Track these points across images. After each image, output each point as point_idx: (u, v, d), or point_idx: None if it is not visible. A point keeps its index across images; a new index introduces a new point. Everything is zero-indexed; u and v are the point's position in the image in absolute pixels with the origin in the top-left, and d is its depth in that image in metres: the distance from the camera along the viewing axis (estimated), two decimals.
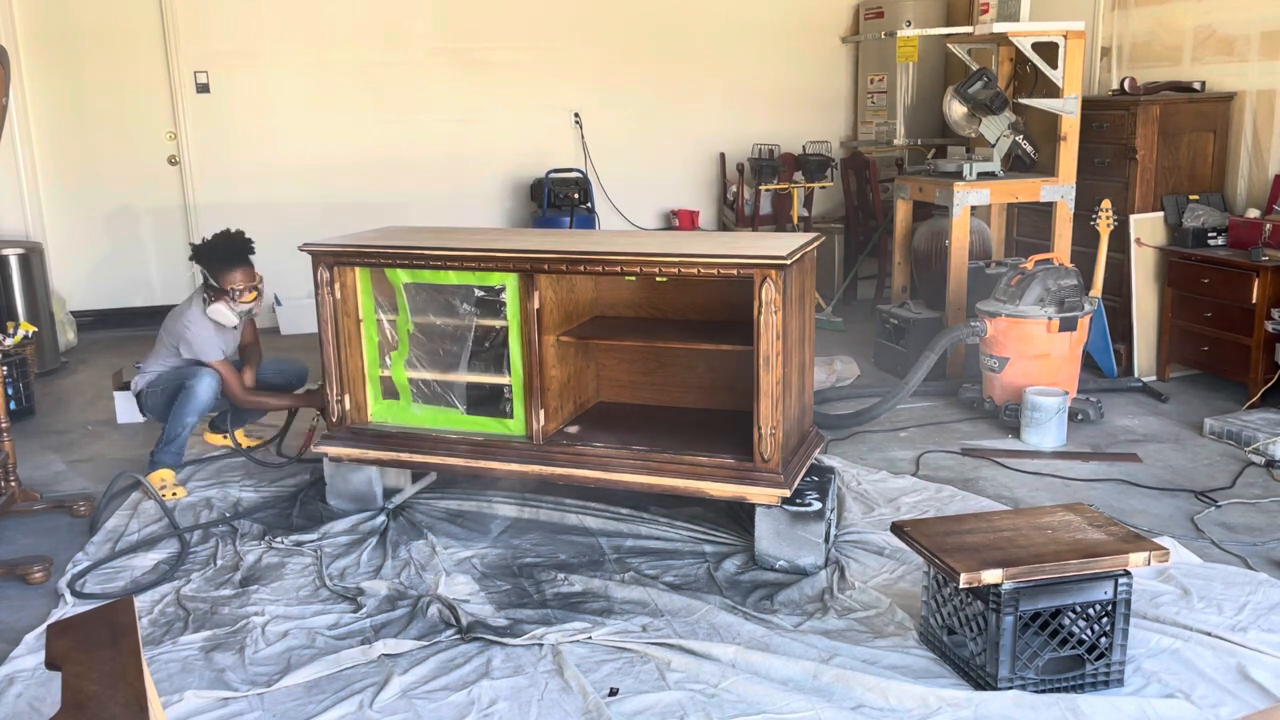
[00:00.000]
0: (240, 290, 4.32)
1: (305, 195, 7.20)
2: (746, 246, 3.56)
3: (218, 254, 4.32)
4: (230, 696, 2.80)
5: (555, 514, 3.93)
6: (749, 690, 2.75)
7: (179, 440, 4.32)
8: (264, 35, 7.04)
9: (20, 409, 5.21)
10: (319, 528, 3.84)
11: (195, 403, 4.26)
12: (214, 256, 4.31)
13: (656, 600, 3.25)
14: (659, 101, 7.78)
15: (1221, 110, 5.59)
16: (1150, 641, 2.94)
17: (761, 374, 3.38)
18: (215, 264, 4.30)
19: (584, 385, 4.11)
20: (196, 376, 4.24)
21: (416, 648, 3.00)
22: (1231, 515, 3.87)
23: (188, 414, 4.27)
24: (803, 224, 7.38)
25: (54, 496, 4.20)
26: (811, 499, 3.45)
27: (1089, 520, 2.90)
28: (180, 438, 4.32)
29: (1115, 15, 6.22)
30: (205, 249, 4.33)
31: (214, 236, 4.37)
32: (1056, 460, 4.48)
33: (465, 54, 7.41)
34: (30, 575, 3.49)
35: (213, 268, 4.30)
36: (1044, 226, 5.88)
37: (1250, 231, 5.11)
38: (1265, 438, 4.41)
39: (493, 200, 7.67)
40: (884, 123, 7.75)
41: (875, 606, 3.20)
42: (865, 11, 7.87)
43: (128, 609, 1.82)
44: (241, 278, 4.33)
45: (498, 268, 3.65)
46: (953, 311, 5.54)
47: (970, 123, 5.61)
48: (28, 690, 2.84)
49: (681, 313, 4.09)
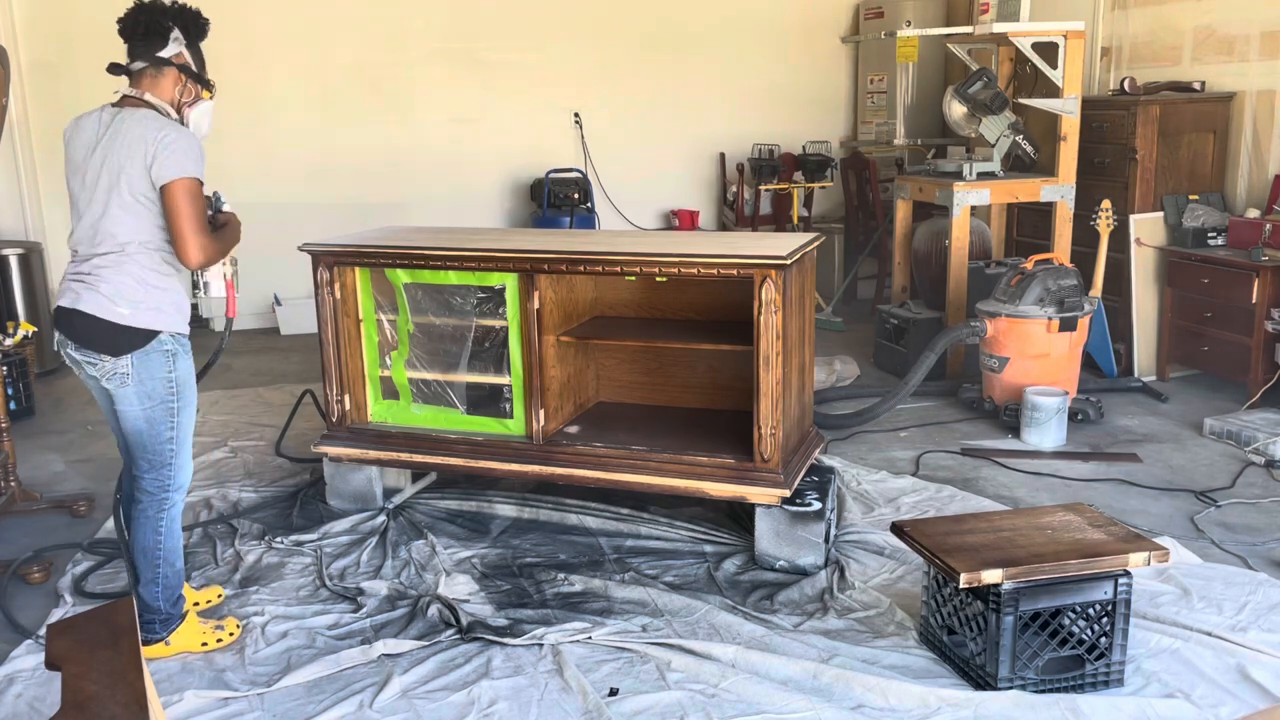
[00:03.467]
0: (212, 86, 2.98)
1: (305, 195, 7.19)
2: (746, 246, 3.56)
3: (204, 25, 2.94)
4: (230, 696, 2.80)
5: (555, 514, 3.93)
6: (749, 690, 2.75)
7: (175, 569, 3.05)
8: (264, 35, 7.04)
9: (20, 409, 5.21)
10: (319, 528, 3.83)
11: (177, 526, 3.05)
12: (202, 27, 2.93)
13: (656, 600, 3.25)
14: (659, 101, 7.78)
15: (1221, 110, 5.59)
16: (1150, 641, 2.94)
17: (761, 374, 3.38)
18: (200, 38, 2.93)
19: (584, 385, 4.11)
20: (175, 485, 2.98)
21: (416, 648, 3.00)
22: (1231, 515, 3.87)
23: (176, 543, 3.04)
24: (803, 224, 7.38)
25: (54, 496, 4.20)
26: (811, 499, 3.45)
27: (1089, 520, 2.90)
28: (177, 567, 3.05)
29: (1115, 15, 6.22)
30: (193, 14, 2.91)
31: (171, 2, 2.89)
32: (1056, 460, 4.48)
33: (465, 54, 7.41)
34: (30, 575, 3.49)
35: (197, 43, 2.92)
36: (1044, 226, 5.88)
37: (1250, 231, 5.11)
38: (1265, 438, 4.41)
39: (493, 200, 7.67)
40: (884, 123, 7.75)
41: (875, 606, 3.20)
42: (865, 11, 7.87)
43: (128, 609, 1.82)
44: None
45: (498, 268, 3.65)
46: (953, 311, 5.54)
47: (970, 123, 5.61)
48: (28, 690, 2.84)
49: (681, 313, 4.09)
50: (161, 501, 2.96)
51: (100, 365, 2.82)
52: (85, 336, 2.81)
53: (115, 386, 2.85)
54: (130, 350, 2.81)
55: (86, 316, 2.79)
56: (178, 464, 2.96)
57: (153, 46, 2.83)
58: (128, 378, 2.82)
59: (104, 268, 2.80)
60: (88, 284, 2.81)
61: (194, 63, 2.91)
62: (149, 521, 2.96)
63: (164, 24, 2.83)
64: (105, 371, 2.82)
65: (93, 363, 2.83)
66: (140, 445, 2.92)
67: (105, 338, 2.80)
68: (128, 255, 2.81)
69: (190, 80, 2.90)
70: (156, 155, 2.74)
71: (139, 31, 2.83)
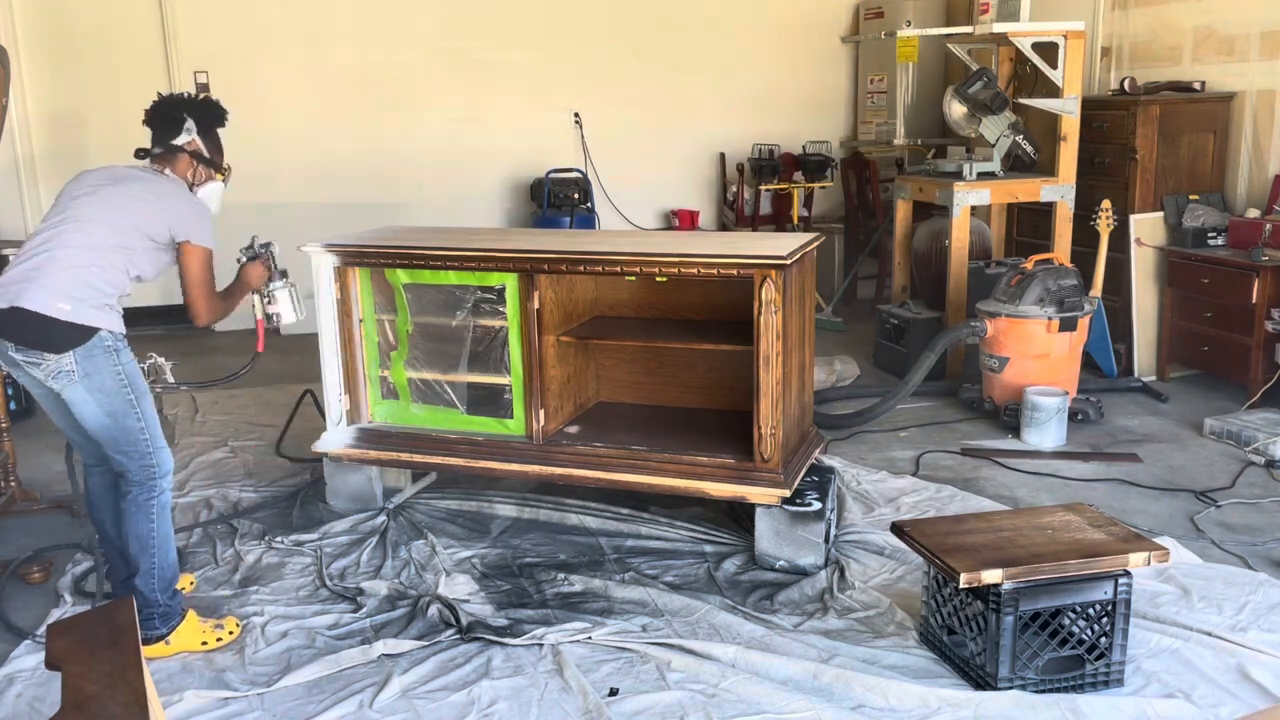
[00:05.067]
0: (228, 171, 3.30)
1: (305, 195, 7.19)
2: (746, 246, 3.56)
3: (220, 115, 3.24)
4: (230, 696, 2.80)
5: (555, 514, 3.93)
6: (749, 690, 2.75)
7: (170, 559, 3.06)
8: (264, 35, 7.03)
9: (20, 409, 5.20)
10: (319, 528, 3.83)
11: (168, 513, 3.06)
12: (218, 117, 3.24)
13: (656, 600, 3.25)
14: (659, 101, 7.77)
15: (1221, 110, 5.59)
16: (1150, 641, 2.94)
17: (761, 374, 3.38)
18: (217, 126, 3.24)
19: (584, 385, 4.11)
20: (161, 471, 3.00)
21: (416, 648, 3.00)
22: (1231, 515, 3.87)
23: (167, 529, 3.05)
24: (803, 224, 7.38)
25: (54, 496, 4.20)
26: (811, 499, 3.45)
27: (1089, 520, 2.90)
28: (170, 557, 3.06)
29: (1115, 15, 6.22)
30: (208, 105, 3.22)
31: (198, 95, 3.30)
32: (1056, 460, 4.48)
33: (465, 54, 7.40)
34: (30, 575, 3.49)
35: (212, 131, 3.23)
36: (1044, 226, 5.88)
37: (1250, 231, 5.11)
38: (1265, 438, 4.41)
39: (493, 200, 7.67)
40: (884, 123, 7.75)
41: (875, 606, 3.20)
42: (865, 11, 7.87)
43: (128, 609, 1.82)
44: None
45: (498, 268, 3.65)
46: (953, 311, 5.53)
47: (970, 123, 5.61)
48: (28, 690, 2.84)
49: (681, 313, 4.09)
50: (151, 488, 2.98)
51: (44, 364, 2.83)
52: (24, 335, 2.82)
53: (62, 385, 2.85)
54: (72, 347, 2.82)
55: (27, 313, 2.80)
56: (155, 449, 2.98)
57: (169, 134, 3.13)
58: (74, 375, 2.83)
59: (52, 262, 2.84)
60: (32, 280, 2.82)
61: (207, 149, 3.19)
62: (140, 509, 2.97)
63: (179, 115, 3.13)
64: (50, 370, 2.83)
65: (35, 362, 2.84)
66: (113, 440, 2.93)
67: (48, 335, 2.81)
68: (97, 251, 2.86)
69: (202, 165, 3.18)
70: (184, 214, 2.99)
71: (157, 121, 3.14)
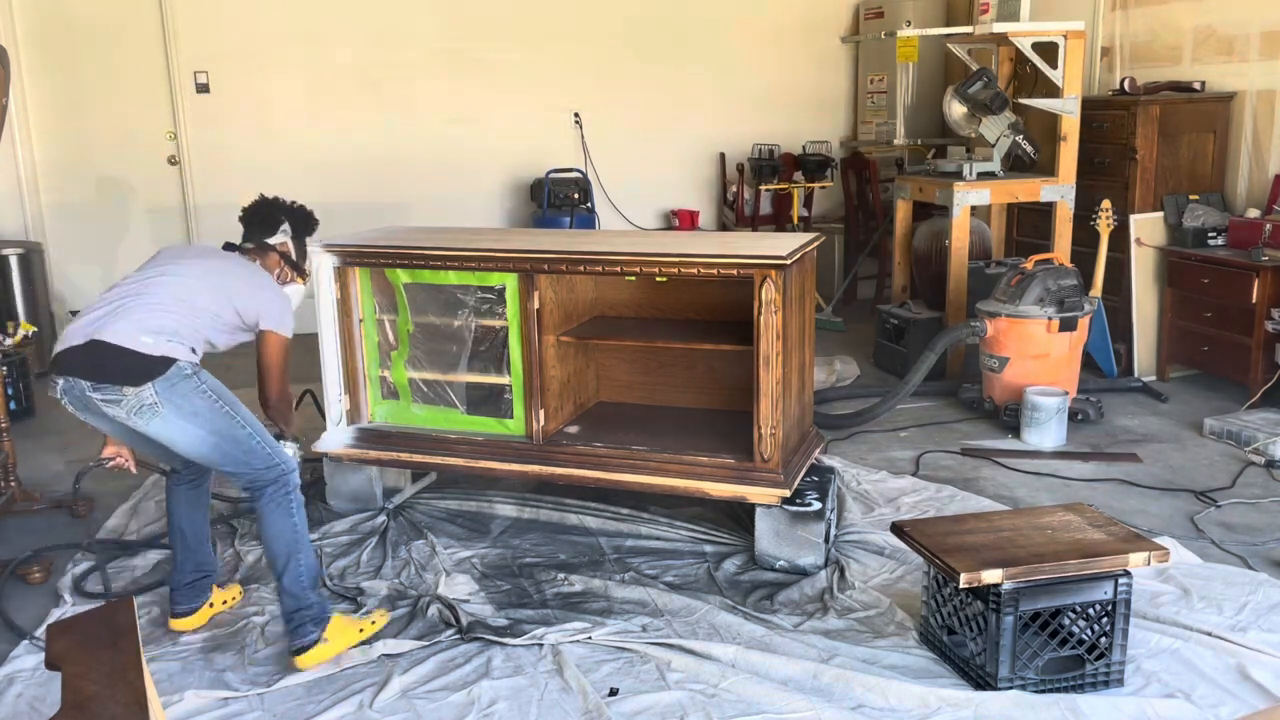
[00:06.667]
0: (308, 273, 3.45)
1: (305, 195, 7.00)
2: (746, 246, 3.56)
3: (313, 225, 3.40)
4: (230, 696, 2.80)
5: (555, 514, 3.93)
6: (749, 690, 2.75)
7: (310, 551, 3.05)
8: (264, 35, 7.03)
9: (20, 409, 5.21)
10: (319, 528, 3.83)
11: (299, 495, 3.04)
12: (311, 226, 3.38)
13: (656, 600, 3.25)
14: (659, 101, 7.77)
15: (1221, 110, 5.59)
16: (1150, 641, 2.94)
17: (761, 374, 3.38)
18: (307, 234, 3.37)
19: (584, 385, 4.11)
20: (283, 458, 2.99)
21: (416, 648, 3.00)
22: (1231, 515, 3.87)
23: (301, 520, 3.03)
24: (803, 224, 7.38)
25: (54, 496, 4.20)
26: (811, 499, 3.45)
27: (1089, 520, 2.90)
28: (311, 549, 3.05)
29: (1115, 15, 6.22)
30: (304, 214, 3.37)
31: (292, 202, 3.39)
32: (1056, 460, 4.48)
33: (465, 54, 7.40)
34: (30, 575, 3.49)
35: (302, 237, 3.35)
36: (1044, 226, 5.88)
37: (1250, 231, 5.11)
38: (1265, 438, 4.41)
39: (493, 200, 7.66)
40: (884, 123, 7.75)
41: (875, 606, 3.20)
42: (865, 11, 7.86)
43: (128, 609, 1.82)
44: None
45: (498, 268, 3.65)
46: (953, 311, 5.54)
47: (970, 123, 5.61)
48: (28, 690, 2.84)
49: (681, 313, 4.09)
50: (284, 483, 2.94)
51: (124, 401, 2.76)
52: (102, 370, 2.75)
53: (146, 421, 2.78)
54: (151, 379, 2.75)
55: (107, 345, 2.75)
56: (273, 448, 2.94)
57: (265, 233, 3.25)
58: (157, 407, 2.77)
59: (139, 304, 2.84)
60: (114, 315, 2.81)
61: (296, 252, 3.31)
62: (279, 507, 2.93)
63: (278, 217, 3.27)
64: (130, 407, 2.76)
65: (114, 400, 2.76)
66: (229, 456, 2.86)
67: (127, 367, 2.75)
68: (190, 308, 2.88)
69: (289, 265, 3.29)
70: (274, 304, 3.04)
71: (256, 219, 3.27)
